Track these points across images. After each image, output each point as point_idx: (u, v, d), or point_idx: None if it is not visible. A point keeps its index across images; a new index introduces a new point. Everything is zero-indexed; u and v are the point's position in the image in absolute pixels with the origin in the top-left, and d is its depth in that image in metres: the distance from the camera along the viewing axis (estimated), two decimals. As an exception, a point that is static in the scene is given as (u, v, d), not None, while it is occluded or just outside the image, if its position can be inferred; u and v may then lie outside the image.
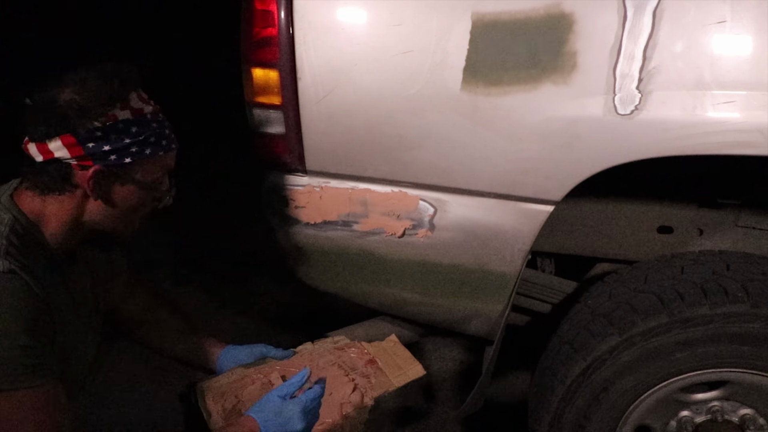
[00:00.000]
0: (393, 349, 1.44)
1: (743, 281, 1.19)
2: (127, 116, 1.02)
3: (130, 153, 1.03)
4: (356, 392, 1.28)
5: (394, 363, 1.38)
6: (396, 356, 1.41)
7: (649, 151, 1.12)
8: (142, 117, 1.04)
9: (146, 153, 1.05)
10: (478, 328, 1.42)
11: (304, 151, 1.27)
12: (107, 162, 1.02)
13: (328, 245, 1.36)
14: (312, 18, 1.17)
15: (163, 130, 1.08)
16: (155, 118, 1.07)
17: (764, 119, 1.05)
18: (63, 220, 1.05)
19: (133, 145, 1.03)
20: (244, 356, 1.36)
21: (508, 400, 1.97)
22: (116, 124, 1.01)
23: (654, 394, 1.28)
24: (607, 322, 1.25)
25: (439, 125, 1.18)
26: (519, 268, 1.29)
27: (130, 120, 1.03)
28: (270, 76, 1.21)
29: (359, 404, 1.25)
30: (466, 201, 1.25)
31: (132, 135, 1.03)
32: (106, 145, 1.01)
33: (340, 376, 1.32)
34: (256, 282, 2.76)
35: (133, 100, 1.04)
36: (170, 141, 1.10)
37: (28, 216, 1.03)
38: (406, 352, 1.43)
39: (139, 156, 1.04)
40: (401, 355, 1.41)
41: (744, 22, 1.04)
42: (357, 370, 1.35)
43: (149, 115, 1.06)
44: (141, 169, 1.06)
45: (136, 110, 1.04)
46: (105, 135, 1.01)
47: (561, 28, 1.09)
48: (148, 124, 1.05)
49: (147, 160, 1.06)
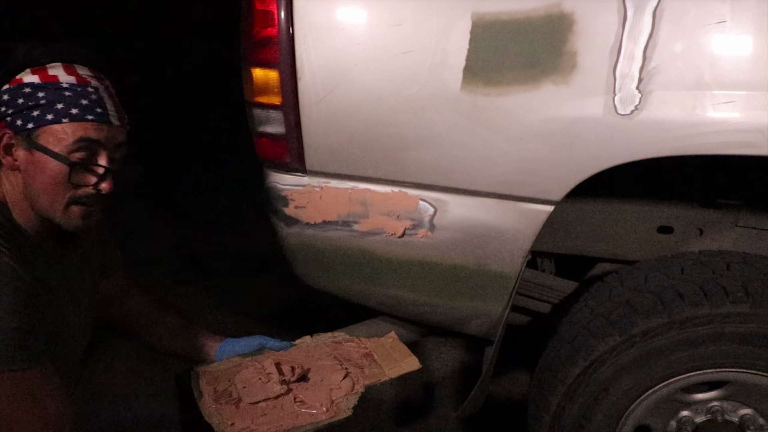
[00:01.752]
0: (391, 344, 1.45)
1: (743, 281, 1.19)
2: (34, 80, 1.01)
3: (31, 117, 1.01)
4: (347, 379, 1.30)
5: (391, 357, 1.39)
6: (393, 350, 1.42)
7: (649, 151, 1.12)
8: (55, 84, 1.02)
9: (47, 118, 1.01)
10: (478, 328, 1.42)
11: (304, 151, 1.27)
12: (14, 127, 1.01)
13: (328, 245, 1.36)
14: (312, 18, 1.17)
15: (79, 99, 1.02)
16: (73, 87, 1.03)
17: (764, 119, 1.05)
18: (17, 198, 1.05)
19: (35, 108, 1.01)
20: (242, 348, 1.38)
21: (508, 400, 1.97)
22: (21, 86, 1.01)
23: (654, 394, 1.28)
24: (607, 322, 1.25)
25: (439, 125, 1.18)
26: (519, 268, 1.29)
27: (36, 84, 1.01)
28: (270, 76, 1.21)
29: (349, 390, 1.27)
30: (466, 201, 1.25)
31: (36, 99, 1.01)
32: (11, 108, 1.01)
33: (334, 365, 1.34)
34: (256, 282, 2.76)
35: (54, 69, 1.02)
36: (85, 110, 1.02)
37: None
38: (403, 347, 1.44)
39: (41, 121, 1.01)
40: (398, 350, 1.43)
41: (744, 22, 1.04)
42: (351, 361, 1.37)
43: (66, 84, 1.02)
44: (45, 135, 1.02)
45: (50, 76, 1.02)
46: (11, 98, 1.01)
47: (561, 28, 1.09)
48: (59, 91, 1.02)
49: (50, 126, 1.01)
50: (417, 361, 1.38)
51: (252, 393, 1.23)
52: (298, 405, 1.22)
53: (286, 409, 1.21)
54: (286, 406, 1.22)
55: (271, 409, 1.21)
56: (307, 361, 1.36)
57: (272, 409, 1.21)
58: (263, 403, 1.22)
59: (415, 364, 1.37)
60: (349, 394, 1.26)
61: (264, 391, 1.24)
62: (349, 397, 1.25)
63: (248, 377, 1.28)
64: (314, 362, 1.36)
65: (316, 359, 1.37)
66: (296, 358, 1.37)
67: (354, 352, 1.41)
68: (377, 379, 1.32)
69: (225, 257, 3.02)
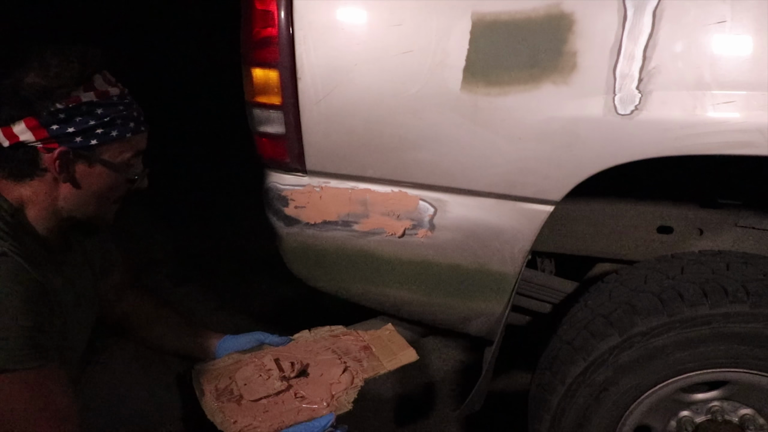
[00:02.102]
0: (389, 337, 1.46)
1: (743, 281, 1.19)
2: (91, 98, 1.03)
3: (95, 135, 1.03)
4: (347, 373, 1.30)
5: (389, 349, 1.40)
6: (391, 343, 1.43)
7: (649, 151, 1.12)
8: (108, 99, 1.04)
9: (112, 135, 1.05)
10: (478, 328, 1.42)
11: (304, 151, 1.27)
12: (73, 144, 1.02)
13: (328, 245, 1.36)
14: (312, 18, 1.17)
15: (131, 111, 1.08)
16: (122, 100, 1.07)
17: (764, 119, 1.05)
18: (41, 206, 1.06)
19: (98, 126, 1.03)
20: (241, 344, 1.38)
21: (508, 400, 1.97)
22: (80, 106, 1.02)
23: (654, 394, 1.28)
24: (607, 322, 1.25)
25: (439, 125, 1.18)
26: (519, 268, 1.29)
27: (94, 102, 1.03)
28: (270, 76, 1.21)
29: (349, 384, 1.27)
30: (466, 201, 1.25)
31: (97, 117, 1.03)
32: (70, 127, 1.01)
33: (333, 359, 1.35)
34: (256, 282, 2.76)
35: (98, 82, 1.04)
36: (138, 123, 1.10)
37: (11, 202, 1.03)
38: (401, 339, 1.45)
39: (105, 138, 1.04)
40: (396, 342, 1.43)
41: (744, 22, 1.04)
42: (350, 355, 1.37)
43: (115, 97, 1.06)
44: (108, 150, 1.06)
45: (101, 92, 1.04)
46: (69, 117, 1.01)
47: (561, 28, 1.09)
48: (114, 106, 1.05)
49: (114, 142, 1.06)
50: (414, 353, 1.38)
51: (253, 390, 1.24)
52: (299, 401, 1.23)
53: (287, 405, 1.22)
54: (287, 402, 1.23)
55: (272, 405, 1.21)
56: (306, 356, 1.36)
57: (273, 405, 1.21)
58: (264, 399, 1.23)
59: (412, 355, 1.38)
60: (348, 388, 1.27)
61: (265, 387, 1.25)
62: (349, 391, 1.26)
63: (249, 374, 1.28)
64: (313, 357, 1.36)
65: (315, 354, 1.38)
66: (295, 353, 1.38)
67: (352, 345, 1.42)
68: (376, 372, 1.32)
69: (225, 257, 3.02)
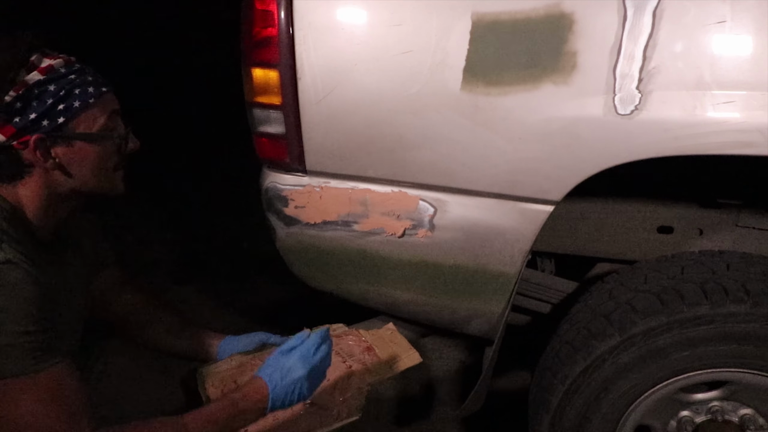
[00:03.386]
0: (390, 336, 1.45)
1: (743, 281, 1.19)
2: (37, 77, 0.99)
3: (58, 112, 1.00)
4: (353, 378, 1.29)
5: (391, 350, 1.39)
6: (393, 344, 1.42)
7: (649, 151, 1.12)
8: (54, 72, 1.01)
9: (75, 106, 1.01)
10: (478, 328, 1.42)
11: (304, 151, 1.27)
12: (42, 129, 0.99)
13: (328, 245, 1.36)
14: (312, 18, 1.17)
15: (85, 77, 1.04)
16: (70, 68, 1.03)
17: (764, 119, 1.05)
18: (41, 200, 1.04)
19: (57, 103, 1.00)
20: (243, 345, 1.37)
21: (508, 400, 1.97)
22: (30, 89, 0.98)
23: (654, 394, 1.28)
24: (607, 322, 1.25)
25: (439, 125, 1.18)
26: (519, 268, 1.29)
27: (42, 80, 0.99)
28: (270, 76, 1.21)
29: (356, 390, 1.27)
30: (466, 201, 1.25)
31: (52, 94, 1.00)
32: (31, 114, 0.98)
33: (338, 362, 1.34)
34: (256, 282, 2.76)
35: (37, 59, 1.01)
36: (98, 85, 1.05)
37: (10, 202, 1.02)
38: (403, 339, 1.44)
39: (69, 112, 1.01)
40: (398, 343, 1.43)
41: (744, 22, 1.04)
42: (354, 357, 1.37)
43: (62, 69, 1.02)
44: (80, 123, 1.03)
45: (45, 68, 1.00)
46: (25, 104, 0.98)
47: (561, 28, 1.09)
48: (64, 77, 1.01)
49: (80, 112, 1.02)
50: (418, 356, 1.38)
51: None
52: (307, 407, 1.22)
53: (295, 411, 1.20)
54: (295, 408, 1.21)
55: (281, 412, 1.20)
56: None
57: (282, 412, 1.20)
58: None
59: (416, 358, 1.37)
60: (355, 393, 1.26)
61: None
62: (357, 397, 1.25)
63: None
64: None
65: None
66: None
67: (355, 346, 1.41)
68: (381, 376, 1.32)
69: (225, 257, 3.02)
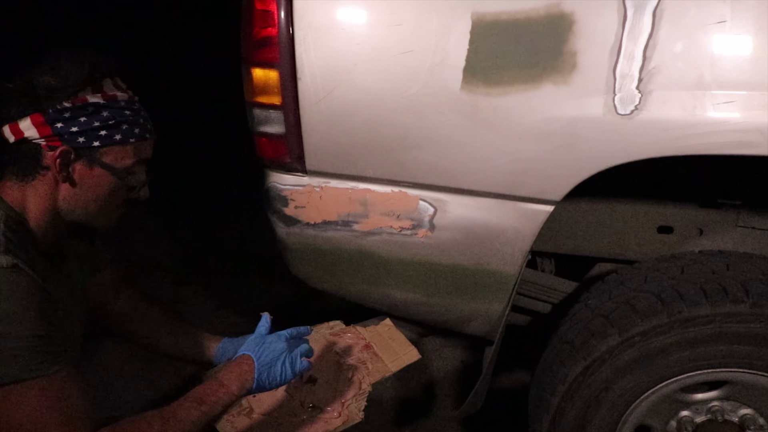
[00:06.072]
0: (388, 333, 1.46)
1: (743, 281, 1.19)
2: (97, 100, 1.03)
3: (98, 136, 1.04)
4: (354, 378, 1.30)
5: (390, 347, 1.40)
6: (391, 340, 1.43)
7: (649, 151, 1.12)
8: (115, 102, 1.05)
9: (116, 138, 1.05)
10: (478, 328, 1.42)
11: (304, 151, 1.27)
12: (75, 143, 1.03)
13: (328, 245, 1.36)
14: (312, 18, 1.17)
15: (137, 118, 1.08)
16: (129, 105, 1.07)
17: (764, 119, 1.05)
18: (42, 209, 1.06)
19: (102, 128, 1.03)
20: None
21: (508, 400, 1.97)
22: (86, 105, 1.02)
23: (654, 394, 1.28)
24: (607, 322, 1.25)
25: (439, 125, 1.18)
26: (519, 268, 1.29)
27: (100, 104, 1.03)
28: (270, 76, 1.21)
29: (357, 390, 1.27)
30: (466, 201, 1.25)
31: (102, 119, 1.03)
32: (74, 126, 1.02)
33: (337, 362, 1.34)
34: (256, 282, 2.76)
35: (107, 86, 1.05)
36: (144, 130, 1.10)
37: (14, 208, 1.04)
38: (401, 336, 1.45)
39: (108, 140, 1.04)
40: (396, 339, 1.43)
41: (744, 22, 1.04)
42: (353, 356, 1.37)
43: (123, 102, 1.06)
44: (111, 154, 1.06)
45: (109, 95, 1.04)
46: (73, 116, 1.01)
47: (561, 28, 1.09)
48: (121, 110, 1.05)
49: (117, 146, 1.06)
50: (416, 352, 1.39)
51: (262, 402, 1.23)
52: (309, 411, 1.22)
53: (298, 416, 1.21)
54: (297, 413, 1.21)
55: (284, 417, 1.20)
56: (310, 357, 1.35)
57: (285, 417, 1.20)
58: (275, 411, 1.21)
59: (414, 355, 1.38)
60: (357, 394, 1.26)
61: (274, 399, 1.23)
62: (358, 398, 1.25)
63: None
64: (317, 360, 1.35)
65: (319, 357, 1.37)
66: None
67: (354, 345, 1.41)
68: (381, 375, 1.32)
69: (225, 257, 3.02)
